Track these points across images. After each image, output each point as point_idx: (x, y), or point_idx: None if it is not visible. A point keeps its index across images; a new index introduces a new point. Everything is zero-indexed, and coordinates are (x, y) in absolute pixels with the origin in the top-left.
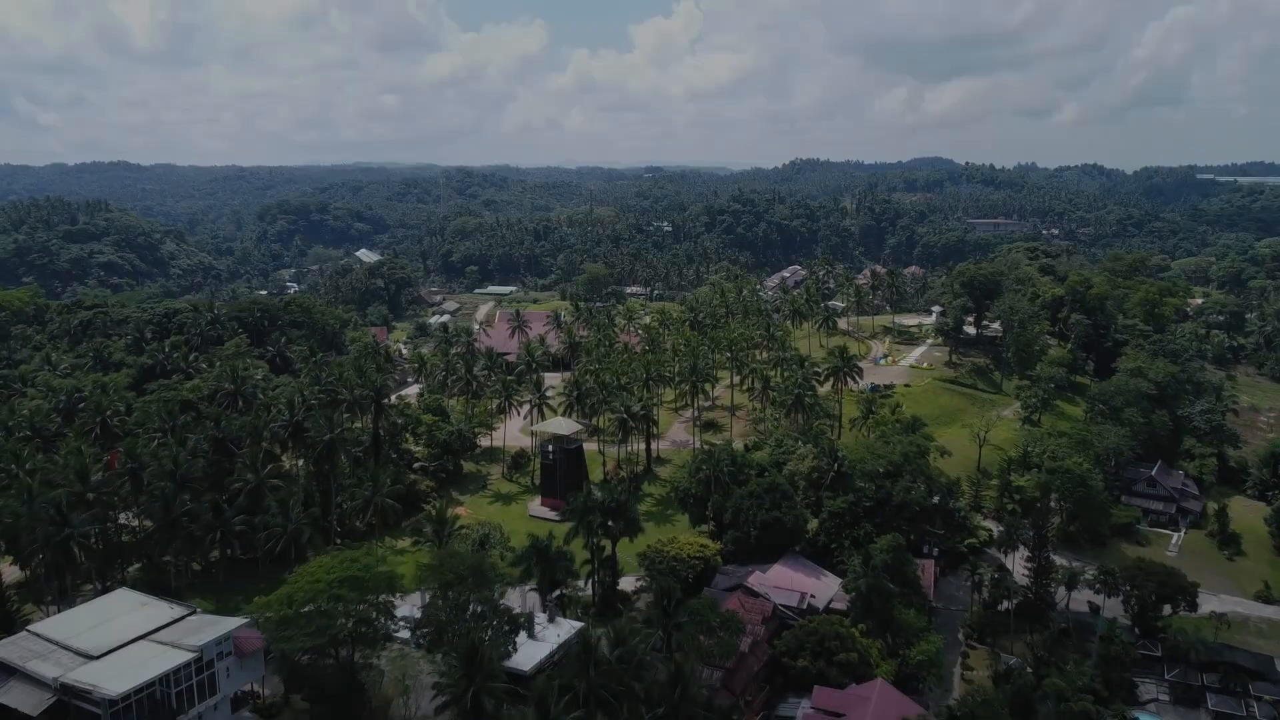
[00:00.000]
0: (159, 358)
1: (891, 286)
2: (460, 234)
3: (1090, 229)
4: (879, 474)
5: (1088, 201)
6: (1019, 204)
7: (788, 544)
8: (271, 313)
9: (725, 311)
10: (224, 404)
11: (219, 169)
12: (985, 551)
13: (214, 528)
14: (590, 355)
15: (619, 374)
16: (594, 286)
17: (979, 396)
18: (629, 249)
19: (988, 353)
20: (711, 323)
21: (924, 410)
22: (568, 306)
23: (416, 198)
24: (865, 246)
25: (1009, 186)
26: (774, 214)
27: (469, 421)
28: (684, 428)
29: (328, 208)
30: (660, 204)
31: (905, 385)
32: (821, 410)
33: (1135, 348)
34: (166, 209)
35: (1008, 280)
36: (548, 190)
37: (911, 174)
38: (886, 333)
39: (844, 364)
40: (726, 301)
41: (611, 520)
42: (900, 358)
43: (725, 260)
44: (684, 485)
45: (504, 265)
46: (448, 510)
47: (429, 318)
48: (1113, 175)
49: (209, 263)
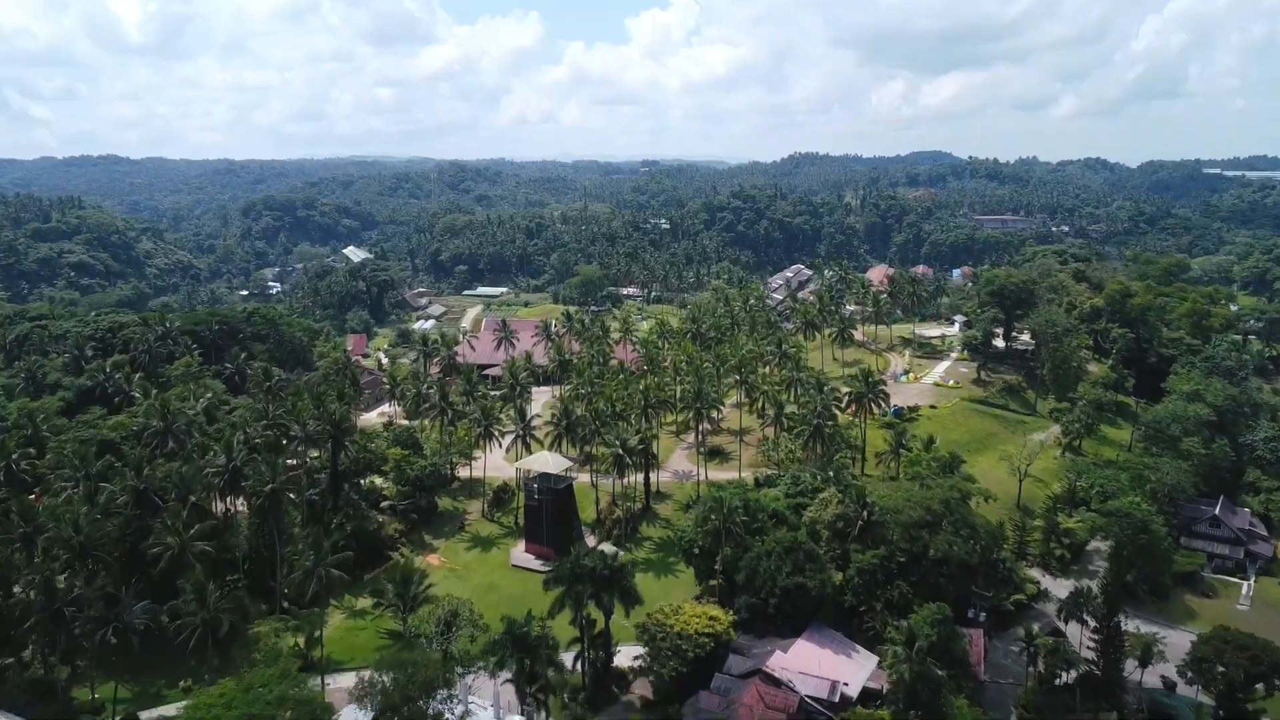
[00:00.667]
0: (99, 379)
1: (913, 295)
2: (449, 232)
3: (1102, 226)
4: (915, 523)
5: (1096, 197)
6: (1026, 200)
7: (812, 612)
8: (231, 325)
9: (730, 322)
10: (152, 444)
11: (210, 163)
12: (1033, 607)
13: (106, 622)
14: (582, 376)
15: (614, 400)
16: (588, 289)
17: (1011, 418)
18: (625, 248)
19: (1018, 368)
20: (716, 335)
21: (953, 435)
22: (559, 314)
23: (408, 193)
24: (871, 244)
25: (1013, 181)
26: (775, 211)
27: (446, 451)
28: (686, 455)
29: (314, 203)
30: (657, 199)
31: (931, 407)
32: (843, 440)
33: (1185, 365)
34: (155, 203)
35: (1040, 289)
36: (542, 185)
37: (913, 168)
38: (906, 345)
39: (868, 389)
40: (731, 311)
41: (604, 591)
42: (923, 374)
43: (726, 260)
44: (689, 536)
45: (495, 265)
46: (418, 562)
47: (413, 323)
48: (1116, 169)
49: (188, 262)
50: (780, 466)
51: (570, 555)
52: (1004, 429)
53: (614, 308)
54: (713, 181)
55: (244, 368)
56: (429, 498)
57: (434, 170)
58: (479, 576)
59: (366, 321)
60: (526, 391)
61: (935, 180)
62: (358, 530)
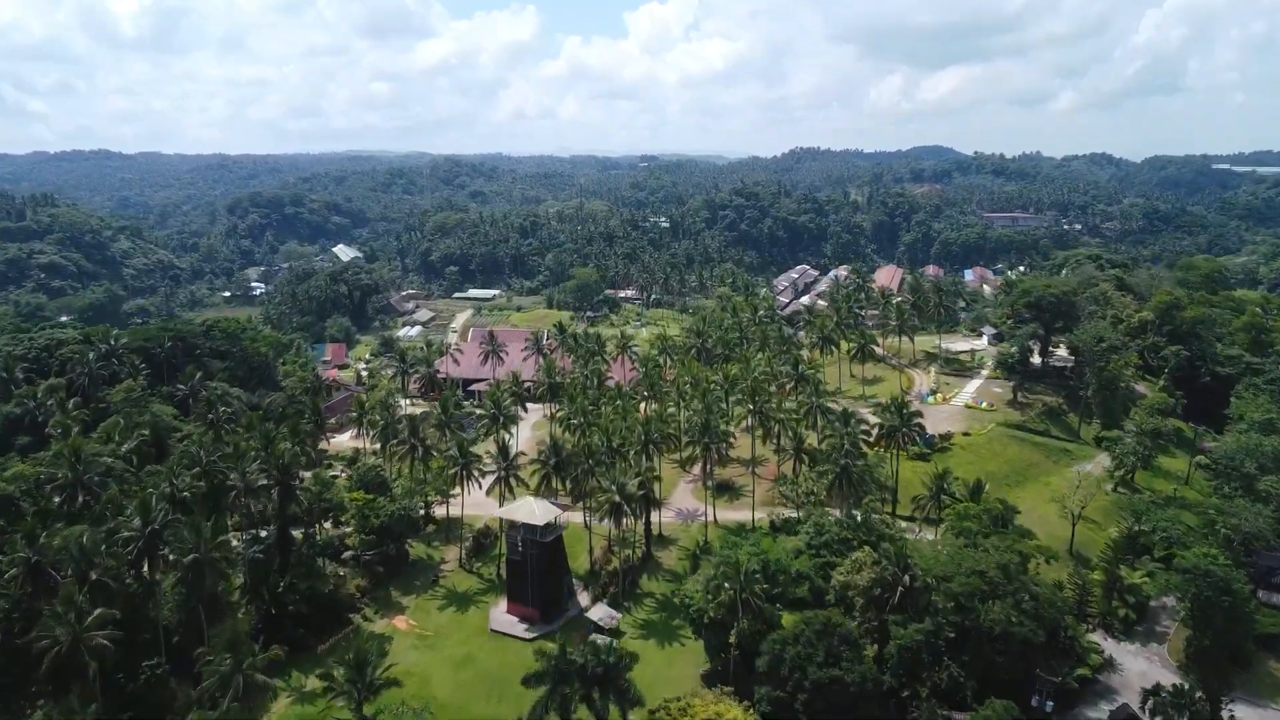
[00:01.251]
0: (29, 405)
1: (939, 306)
2: (441, 231)
3: (1116, 224)
4: (967, 593)
5: (1107, 194)
6: (1034, 196)
7: (850, 707)
8: (187, 341)
9: (739, 335)
10: (63, 500)
11: (204, 157)
12: (1098, 680)
13: None
14: (574, 404)
15: (610, 433)
16: (584, 294)
17: (1053, 446)
18: (623, 248)
19: (1056, 387)
20: (723, 350)
21: (990, 466)
22: (553, 323)
23: (402, 189)
24: (878, 243)
25: (1020, 177)
26: (779, 208)
27: (419, 488)
28: (692, 490)
29: (303, 200)
30: (657, 196)
31: (964, 434)
32: (872, 480)
33: (1248, 387)
34: (145, 199)
35: (1082, 300)
36: (539, 181)
37: (917, 164)
38: (930, 361)
39: (902, 422)
40: (739, 322)
41: (598, 691)
42: (951, 394)
43: (729, 261)
44: (697, 604)
45: (487, 265)
46: (383, 626)
47: (398, 329)
48: (1122, 165)
49: (169, 261)
50: (800, 507)
51: (560, 616)
52: (1046, 458)
53: (611, 313)
54: (713, 177)
55: (198, 389)
56: (398, 545)
57: (429, 166)
58: (453, 645)
59: (347, 329)
60: (512, 421)
61: (940, 176)
62: (310, 592)
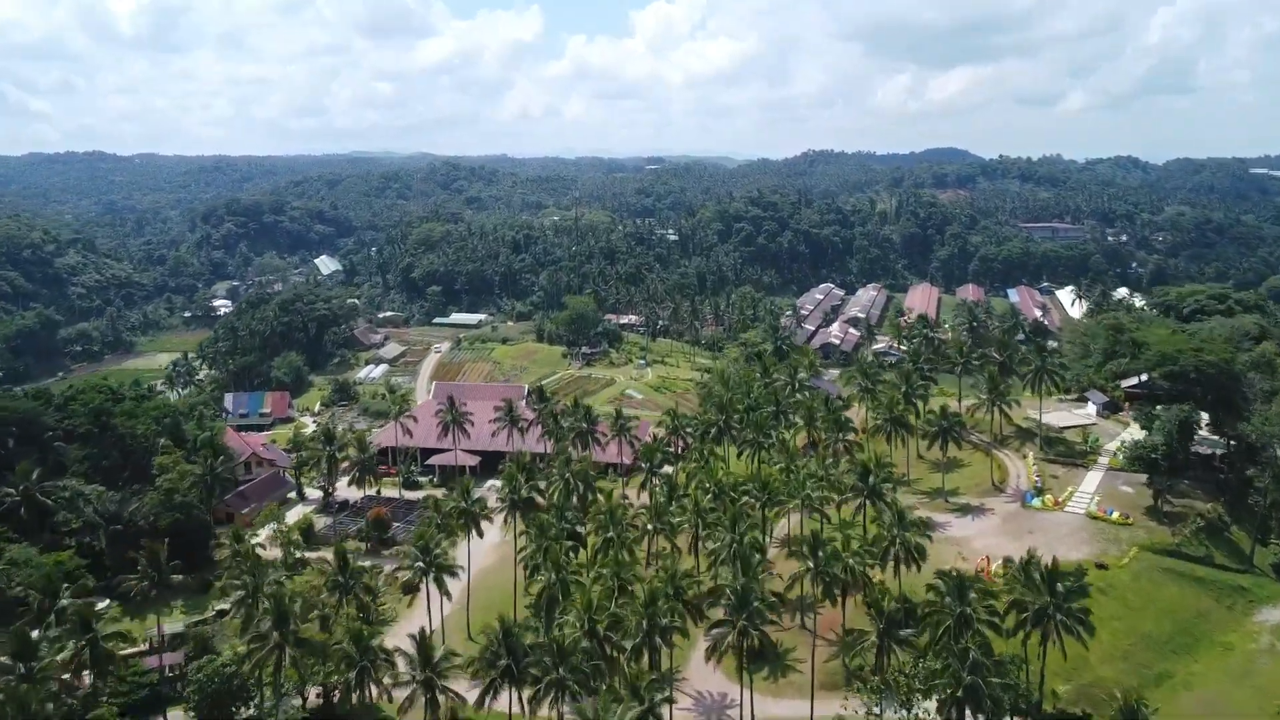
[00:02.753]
0: None
1: (1040, 371)
2: (424, 244)
3: (1166, 235)
4: None
5: (1150, 201)
6: (1070, 204)
7: None
8: (30, 419)
9: (774, 409)
10: None
11: (200, 159)
12: None
13: None
14: (541, 545)
15: (594, 611)
16: (579, 326)
17: (1223, 582)
18: (626, 267)
19: (1204, 483)
20: (754, 434)
21: (1142, 622)
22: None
23: (397, 193)
24: (909, 258)
25: (1047, 182)
26: (800, 220)
27: None
28: (717, 668)
29: (284, 207)
30: (663, 202)
31: (1099, 565)
32: (1001, 676)
33: None
34: (132, 203)
35: (1242, 367)
36: (541, 184)
37: (939, 167)
38: (1024, 439)
39: (1055, 604)
40: (774, 392)
41: None
42: (1064, 495)
43: (747, 284)
44: None
45: (475, 284)
46: None
47: (361, 367)
48: (1149, 169)
49: (125, 277)
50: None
51: None
52: (1217, 604)
53: (611, 347)
54: (722, 181)
55: (33, 492)
56: None
57: (425, 169)
58: None
59: (298, 369)
60: (449, 573)
61: (964, 180)
62: None
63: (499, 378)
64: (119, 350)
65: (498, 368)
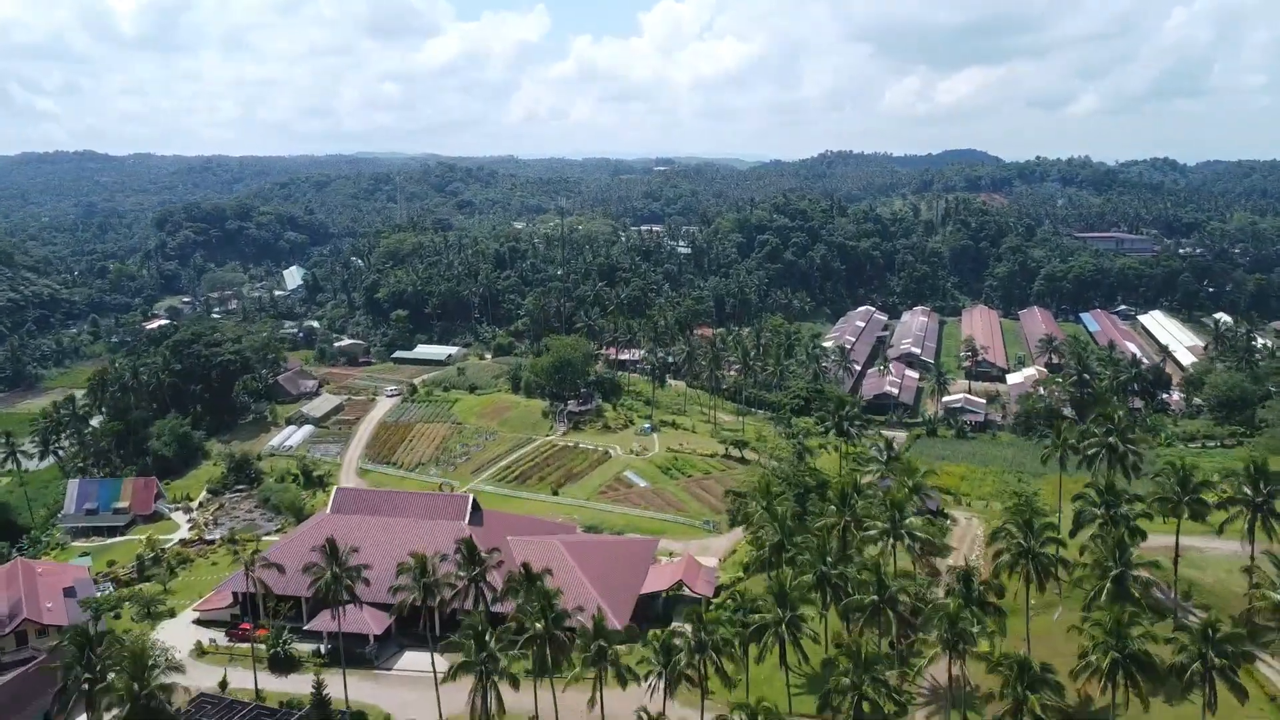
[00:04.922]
0: None
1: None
2: (391, 258)
3: (1247, 247)
4: None
5: (1215, 207)
6: (1127, 210)
7: None
8: None
9: (873, 593)
10: None
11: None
12: None
13: None
14: None
15: None
16: (564, 375)
17: None
18: (630, 289)
19: None
20: (814, 564)
21: None
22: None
23: (387, 195)
24: (959, 274)
25: (1090, 186)
26: (834, 231)
27: None
28: None
29: (250, 213)
30: (674, 207)
31: None
32: None
33: None
34: (113, 205)
35: None
36: (543, 187)
37: (972, 169)
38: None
39: None
40: (865, 562)
41: None
42: None
43: (777, 311)
44: None
45: (449, 308)
46: None
47: (278, 430)
48: (1186, 171)
49: (51, 294)
50: None
51: None
52: None
53: (606, 402)
54: (735, 183)
55: None
56: None
57: (419, 170)
58: None
59: (184, 437)
60: None
61: (999, 184)
62: None
63: (455, 448)
64: (19, 386)
65: (457, 432)
